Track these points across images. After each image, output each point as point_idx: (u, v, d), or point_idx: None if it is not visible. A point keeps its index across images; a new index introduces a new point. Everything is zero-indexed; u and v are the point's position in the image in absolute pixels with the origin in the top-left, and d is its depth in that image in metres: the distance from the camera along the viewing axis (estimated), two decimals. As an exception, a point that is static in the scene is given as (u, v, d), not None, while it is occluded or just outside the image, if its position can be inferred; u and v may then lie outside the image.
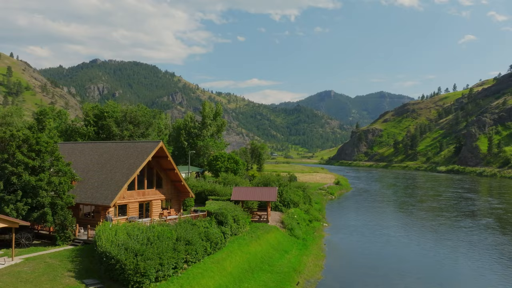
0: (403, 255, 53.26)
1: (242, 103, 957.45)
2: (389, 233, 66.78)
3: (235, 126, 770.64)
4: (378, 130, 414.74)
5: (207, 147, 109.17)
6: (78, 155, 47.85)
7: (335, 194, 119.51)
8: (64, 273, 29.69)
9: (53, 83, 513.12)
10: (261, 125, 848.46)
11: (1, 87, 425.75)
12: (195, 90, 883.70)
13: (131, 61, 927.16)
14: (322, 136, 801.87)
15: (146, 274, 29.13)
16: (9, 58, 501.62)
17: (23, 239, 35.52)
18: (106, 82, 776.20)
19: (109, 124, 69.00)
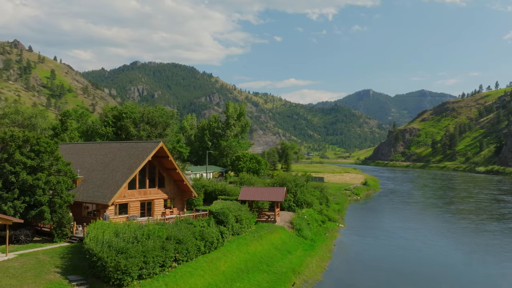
0: (413, 260, 51.77)
1: (279, 103, 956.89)
2: (405, 236, 65.15)
3: (271, 126, 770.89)
4: (415, 129, 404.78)
5: (231, 147, 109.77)
6: (86, 155, 49.34)
7: (360, 194, 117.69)
8: (51, 269, 30.73)
9: (94, 85, 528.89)
10: (298, 125, 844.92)
11: (45, 89, 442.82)
12: (232, 91, 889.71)
13: (170, 63, 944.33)
14: (360, 136, 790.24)
15: (128, 271, 29.73)
16: (53, 62, 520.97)
17: (22, 235, 36.96)
18: (146, 83, 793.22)
19: (127, 124, 70.63)
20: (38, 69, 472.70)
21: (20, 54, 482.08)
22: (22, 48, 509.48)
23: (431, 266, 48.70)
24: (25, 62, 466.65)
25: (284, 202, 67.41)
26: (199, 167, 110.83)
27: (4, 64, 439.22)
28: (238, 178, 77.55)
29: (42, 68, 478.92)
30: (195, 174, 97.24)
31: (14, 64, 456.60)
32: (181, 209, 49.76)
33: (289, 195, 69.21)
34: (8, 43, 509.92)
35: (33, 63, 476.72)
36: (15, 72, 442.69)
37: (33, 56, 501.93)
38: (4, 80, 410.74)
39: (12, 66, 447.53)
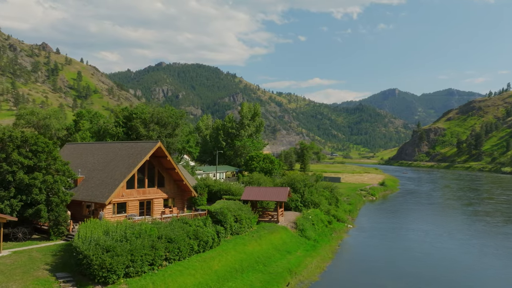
0: (417, 262, 50.71)
1: (302, 103, 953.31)
2: (414, 237, 64.09)
3: (295, 126, 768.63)
4: (440, 129, 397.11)
5: (245, 147, 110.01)
6: (88, 154, 50.28)
7: (376, 195, 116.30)
8: (40, 266, 31.47)
9: (119, 86, 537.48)
10: (322, 125, 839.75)
11: (72, 90, 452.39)
12: (256, 91, 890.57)
13: (194, 63, 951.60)
14: (385, 136, 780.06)
15: (113, 269, 30.19)
16: (80, 63, 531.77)
17: (20, 233, 37.93)
18: (170, 84, 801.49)
19: (137, 125, 71.62)
20: (65, 71, 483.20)
21: (48, 56, 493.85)
22: (50, 51, 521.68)
23: (434, 269, 47.74)
24: (53, 64, 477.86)
25: (291, 202, 67.22)
26: (213, 166, 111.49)
27: (33, 66, 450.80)
28: (247, 178, 77.67)
29: (69, 70, 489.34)
30: (207, 174, 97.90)
31: (42, 66, 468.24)
32: (181, 209, 50.19)
33: (296, 195, 68.96)
34: (37, 45, 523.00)
35: (60, 65, 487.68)
36: (43, 74, 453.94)
37: (61, 58, 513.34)
38: (32, 82, 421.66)
39: (40, 68, 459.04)
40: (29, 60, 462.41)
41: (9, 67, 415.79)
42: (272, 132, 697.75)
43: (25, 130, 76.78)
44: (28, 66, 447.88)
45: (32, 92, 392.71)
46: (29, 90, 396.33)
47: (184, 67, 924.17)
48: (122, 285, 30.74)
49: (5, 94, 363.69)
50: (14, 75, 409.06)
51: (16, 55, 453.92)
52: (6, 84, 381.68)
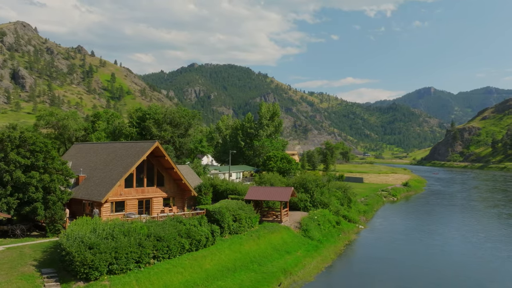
0: (421, 266, 49.50)
1: (334, 102, 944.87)
2: (425, 240, 62.56)
3: (327, 126, 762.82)
4: (475, 128, 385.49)
5: (263, 147, 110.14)
6: (92, 154, 51.60)
7: (398, 196, 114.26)
8: (28, 262, 32.57)
9: (152, 87, 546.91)
10: (354, 124, 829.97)
11: (106, 92, 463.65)
12: (287, 91, 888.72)
13: (226, 64, 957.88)
14: (419, 136, 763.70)
15: (95, 266, 30.93)
16: (113, 65, 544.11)
17: (18, 230, 39.34)
18: (202, 85, 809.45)
19: (149, 125, 72.90)
20: (100, 73, 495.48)
21: (83, 59, 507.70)
22: (85, 53, 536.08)
23: (435, 274, 46.61)
24: (88, 67, 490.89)
25: (300, 202, 66.94)
26: (231, 166, 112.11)
27: (69, 68, 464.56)
28: (257, 178, 77.81)
29: (103, 72, 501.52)
30: (216, 174, 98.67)
31: (77, 68, 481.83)
32: (181, 208, 50.81)
33: (306, 195, 68.64)
34: (73, 48, 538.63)
35: (95, 67, 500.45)
36: (78, 76, 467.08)
37: (95, 60, 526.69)
38: (68, 84, 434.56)
39: (75, 70, 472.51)
40: (65, 62, 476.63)
41: (46, 69, 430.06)
42: (303, 132, 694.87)
43: (45, 131, 79.59)
44: (64, 68, 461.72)
45: (67, 94, 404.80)
46: (65, 91, 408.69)
47: (216, 67, 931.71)
48: (104, 281, 31.45)
49: (41, 96, 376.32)
50: (50, 77, 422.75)
51: (53, 58, 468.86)
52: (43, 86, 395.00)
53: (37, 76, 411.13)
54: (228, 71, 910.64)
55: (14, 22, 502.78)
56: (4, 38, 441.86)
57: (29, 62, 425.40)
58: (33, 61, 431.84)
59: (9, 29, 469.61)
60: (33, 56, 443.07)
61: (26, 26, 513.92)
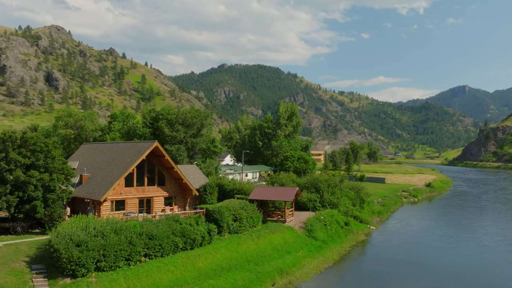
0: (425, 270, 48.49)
1: (365, 102, 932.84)
2: (436, 243, 61.08)
3: (357, 125, 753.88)
4: (509, 127, 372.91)
5: (281, 147, 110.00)
6: (98, 154, 52.79)
7: (419, 196, 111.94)
8: (21, 258, 33.65)
9: (181, 88, 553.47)
10: (385, 124, 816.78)
11: (136, 93, 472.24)
12: (317, 90, 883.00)
13: (255, 64, 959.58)
14: (453, 135, 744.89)
15: (81, 263, 31.68)
16: (144, 67, 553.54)
17: (19, 227, 40.68)
18: (232, 85, 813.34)
19: (162, 125, 73.95)
20: (131, 75, 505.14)
21: (114, 61, 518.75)
22: (117, 55, 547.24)
23: (439, 277, 45.56)
24: (119, 68, 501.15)
25: (309, 203, 66.57)
26: (247, 166, 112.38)
27: (100, 70, 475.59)
28: (268, 178, 77.78)
29: (134, 74, 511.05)
30: (239, 174, 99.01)
31: (109, 70, 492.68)
32: (183, 207, 51.34)
33: (315, 195, 68.23)
34: (105, 51, 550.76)
35: (126, 69, 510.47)
36: (109, 77, 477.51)
37: (126, 62, 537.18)
38: (100, 86, 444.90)
39: (107, 72, 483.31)
40: (97, 65, 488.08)
41: (78, 72, 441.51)
42: (333, 132, 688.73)
43: (64, 131, 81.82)
44: (96, 70, 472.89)
45: (99, 95, 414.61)
46: (96, 93, 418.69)
47: (246, 68, 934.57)
48: (91, 278, 32.18)
49: (74, 97, 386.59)
50: (83, 79, 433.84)
51: (85, 60, 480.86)
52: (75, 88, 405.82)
53: (70, 78, 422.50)
54: (258, 71, 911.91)
55: (49, 26, 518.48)
56: (39, 41, 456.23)
57: (63, 64, 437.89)
58: (67, 63, 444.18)
59: (44, 33, 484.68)
60: (67, 59, 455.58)
61: (61, 29, 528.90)
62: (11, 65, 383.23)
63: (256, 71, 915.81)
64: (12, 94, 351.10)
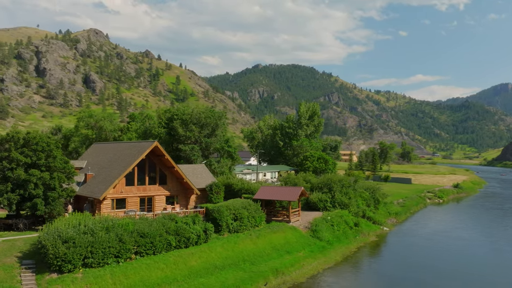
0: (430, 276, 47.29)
1: (402, 101, 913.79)
2: (448, 246, 59.33)
3: (393, 125, 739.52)
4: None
5: (301, 147, 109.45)
6: (103, 153, 54.13)
7: (444, 198, 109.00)
8: (14, 253, 34.97)
9: (215, 88, 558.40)
10: (423, 123, 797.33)
11: (171, 94, 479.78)
12: (352, 90, 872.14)
13: (290, 64, 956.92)
14: (495, 135, 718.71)
15: (67, 259, 32.61)
16: (179, 68, 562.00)
17: (21, 224, 42.26)
18: (266, 85, 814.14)
19: (176, 125, 74.96)
20: (165, 76, 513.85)
21: (150, 62, 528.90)
22: (152, 57, 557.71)
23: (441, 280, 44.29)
24: (154, 70, 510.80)
25: (320, 203, 66.11)
26: (267, 166, 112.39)
27: (136, 72, 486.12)
28: (281, 178, 77.56)
29: (169, 75, 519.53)
30: (257, 174, 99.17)
31: (145, 72, 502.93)
32: (185, 206, 51.90)
33: (326, 195, 67.67)
34: (141, 53, 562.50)
35: (161, 70, 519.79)
36: (145, 79, 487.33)
37: (161, 64, 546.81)
38: (135, 87, 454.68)
39: (143, 74, 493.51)
40: (133, 66, 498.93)
41: (115, 73, 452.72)
42: (368, 132, 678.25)
43: (85, 132, 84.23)
44: (132, 72, 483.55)
45: (134, 97, 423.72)
46: (132, 94, 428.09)
47: (280, 68, 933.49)
48: (78, 274, 33.08)
49: (110, 98, 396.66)
50: (119, 81, 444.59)
51: (122, 62, 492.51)
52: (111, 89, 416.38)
53: (107, 80, 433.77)
54: (292, 71, 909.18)
55: (87, 30, 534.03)
56: (78, 45, 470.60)
57: (100, 67, 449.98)
58: (104, 66, 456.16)
59: (83, 37, 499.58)
60: (104, 61, 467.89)
61: (99, 33, 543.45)
62: (50, 68, 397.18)
63: (291, 71, 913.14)
64: (51, 96, 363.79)
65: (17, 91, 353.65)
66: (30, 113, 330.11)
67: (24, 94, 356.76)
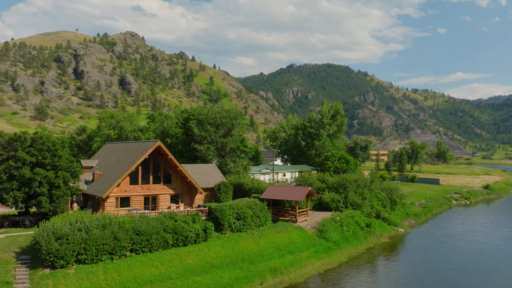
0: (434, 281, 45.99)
1: (441, 100, 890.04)
2: (461, 249, 57.57)
3: (431, 124, 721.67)
4: None
5: (323, 146, 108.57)
6: (113, 153, 55.42)
7: (471, 199, 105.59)
8: (13, 249, 36.33)
9: (247, 89, 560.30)
10: (463, 122, 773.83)
11: (204, 95, 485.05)
12: (388, 89, 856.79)
13: (325, 64, 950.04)
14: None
15: (60, 255, 33.60)
16: (212, 69, 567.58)
17: (27, 221, 43.85)
18: (300, 85, 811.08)
19: (191, 125, 75.85)
20: (199, 77, 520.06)
21: (184, 64, 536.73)
22: (186, 59, 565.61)
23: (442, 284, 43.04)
24: (188, 71, 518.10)
25: (332, 203, 65.50)
26: (288, 166, 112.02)
27: (170, 74, 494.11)
28: (296, 178, 77.14)
29: (203, 76, 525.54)
30: (275, 174, 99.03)
31: (179, 73, 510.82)
32: (189, 205, 52.45)
33: (338, 195, 66.96)
34: (175, 55, 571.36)
35: (195, 71, 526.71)
36: (179, 80, 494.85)
37: (195, 65, 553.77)
38: (169, 88, 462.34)
39: (177, 75, 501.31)
40: (168, 68, 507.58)
41: (150, 75, 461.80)
42: (405, 131, 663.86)
43: (107, 132, 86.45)
44: (167, 73, 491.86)
45: (168, 98, 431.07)
46: (166, 95, 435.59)
47: (315, 67, 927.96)
48: (70, 270, 34.02)
49: (145, 100, 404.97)
50: (154, 82, 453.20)
51: (157, 64, 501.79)
52: (146, 91, 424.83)
53: (142, 81, 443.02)
54: (327, 71, 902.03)
55: (124, 33, 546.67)
56: (114, 47, 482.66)
57: (135, 69, 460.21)
58: (139, 68, 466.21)
59: (119, 39, 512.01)
60: (139, 63, 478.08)
61: (135, 35, 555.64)
62: (88, 71, 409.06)
63: (325, 70, 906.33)
64: (88, 98, 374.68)
65: (56, 93, 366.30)
66: (68, 114, 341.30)
67: (63, 96, 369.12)
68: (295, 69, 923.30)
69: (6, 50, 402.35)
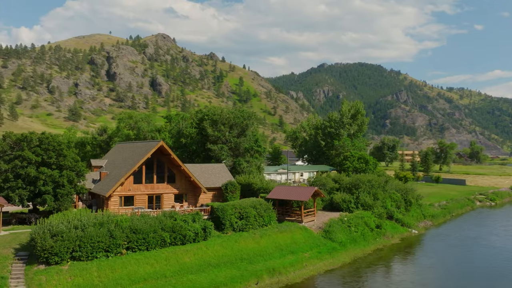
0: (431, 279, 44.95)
1: (477, 98, 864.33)
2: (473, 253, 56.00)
3: (467, 124, 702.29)
4: None
5: (343, 146, 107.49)
6: (121, 152, 56.52)
7: (497, 200, 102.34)
8: (13, 245, 37.58)
9: (277, 89, 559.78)
10: (500, 122, 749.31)
11: (234, 95, 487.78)
12: (422, 87, 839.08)
13: (356, 63, 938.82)
14: None
15: (54, 252, 34.56)
16: (242, 70, 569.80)
17: (33, 218, 45.27)
18: (331, 85, 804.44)
19: (205, 126, 76.46)
20: (229, 77, 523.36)
21: (214, 65, 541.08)
22: (216, 59, 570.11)
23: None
24: (218, 72, 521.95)
25: (343, 203, 64.87)
26: (307, 166, 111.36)
27: (200, 74, 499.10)
28: (309, 178, 76.65)
29: (232, 76, 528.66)
30: (292, 174, 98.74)
31: (209, 74, 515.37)
32: (193, 204, 52.89)
33: (350, 196, 66.24)
34: (206, 56, 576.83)
35: (224, 72, 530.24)
36: (209, 81, 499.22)
37: (225, 65, 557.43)
38: (199, 89, 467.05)
39: (207, 76, 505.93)
40: (198, 69, 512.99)
41: (180, 76, 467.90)
42: (439, 131, 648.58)
43: (126, 132, 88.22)
44: (197, 74, 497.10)
45: (198, 98, 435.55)
46: (196, 96, 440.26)
47: (346, 66, 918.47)
48: (64, 266, 34.95)
49: (175, 100, 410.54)
50: (184, 83, 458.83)
51: (187, 65, 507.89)
52: (176, 92, 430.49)
53: (173, 82, 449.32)
54: (358, 70, 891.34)
55: (155, 35, 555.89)
56: (146, 49, 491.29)
57: (166, 70, 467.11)
58: (170, 69, 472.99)
59: (151, 41, 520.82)
60: (170, 65, 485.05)
61: (166, 37, 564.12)
62: (120, 72, 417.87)
63: (357, 69, 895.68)
64: (120, 99, 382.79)
65: (90, 95, 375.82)
66: (100, 115, 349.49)
67: (96, 97, 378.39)
68: (326, 68, 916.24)
69: (42, 53, 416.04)
